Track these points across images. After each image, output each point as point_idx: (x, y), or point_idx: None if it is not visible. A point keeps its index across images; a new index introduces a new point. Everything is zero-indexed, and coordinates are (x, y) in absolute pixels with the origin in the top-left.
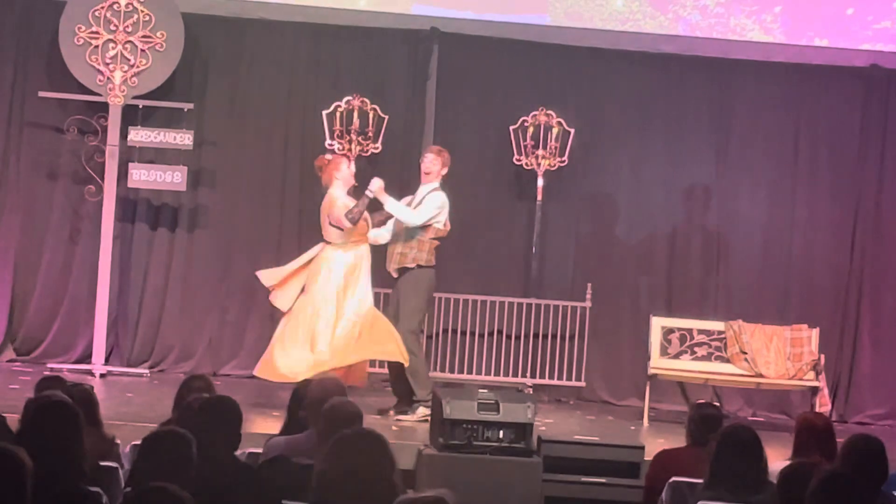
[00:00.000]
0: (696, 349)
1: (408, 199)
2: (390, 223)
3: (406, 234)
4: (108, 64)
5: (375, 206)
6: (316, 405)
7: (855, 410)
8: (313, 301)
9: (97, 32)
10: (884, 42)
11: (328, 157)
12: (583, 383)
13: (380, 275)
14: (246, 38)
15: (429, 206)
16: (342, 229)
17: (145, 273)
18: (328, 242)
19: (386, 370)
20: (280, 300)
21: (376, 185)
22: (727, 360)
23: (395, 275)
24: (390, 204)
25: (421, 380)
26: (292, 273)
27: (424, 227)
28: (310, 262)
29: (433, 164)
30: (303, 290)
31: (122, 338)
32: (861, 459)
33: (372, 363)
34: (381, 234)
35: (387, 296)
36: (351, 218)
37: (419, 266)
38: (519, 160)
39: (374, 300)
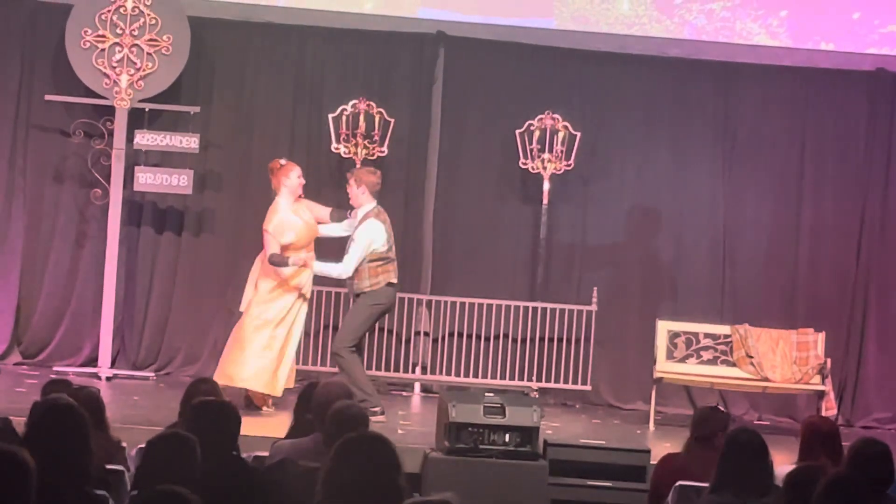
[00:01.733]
0: (702, 353)
1: (348, 221)
2: (346, 223)
3: None
4: (114, 67)
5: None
6: (322, 408)
7: (861, 414)
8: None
9: (103, 36)
10: (890, 46)
11: (282, 161)
12: (589, 387)
13: None
14: (252, 42)
15: (356, 248)
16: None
17: (151, 276)
18: None
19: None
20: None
21: (300, 258)
22: (733, 364)
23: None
24: (317, 268)
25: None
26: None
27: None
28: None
29: (348, 188)
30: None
31: (128, 341)
32: (867, 463)
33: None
34: (335, 230)
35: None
36: (271, 260)
37: (366, 291)
38: (525, 164)
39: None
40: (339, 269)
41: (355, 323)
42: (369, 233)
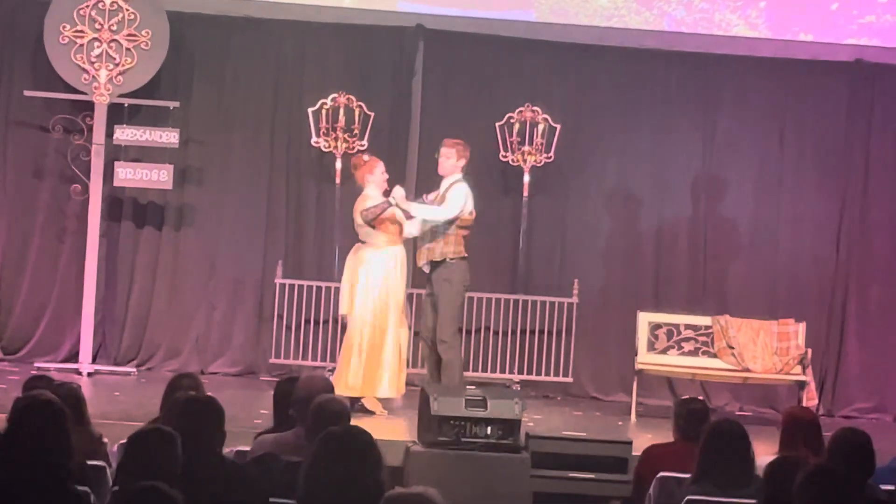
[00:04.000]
0: (683, 344)
1: (433, 194)
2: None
3: (432, 228)
4: (93, 62)
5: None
6: (304, 403)
7: (842, 404)
8: (361, 311)
9: (82, 31)
10: (868, 36)
11: (365, 157)
12: (570, 379)
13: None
14: (231, 36)
15: (455, 199)
16: (373, 227)
17: (132, 271)
18: (363, 242)
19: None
20: (341, 307)
21: (399, 194)
22: (714, 355)
23: (426, 269)
24: (415, 210)
25: (452, 375)
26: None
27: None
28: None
29: (445, 156)
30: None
31: (109, 336)
32: (848, 453)
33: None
34: (413, 228)
35: (419, 297)
36: (364, 217)
37: (448, 259)
38: (505, 156)
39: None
40: (440, 213)
41: (453, 306)
42: (464, 189)
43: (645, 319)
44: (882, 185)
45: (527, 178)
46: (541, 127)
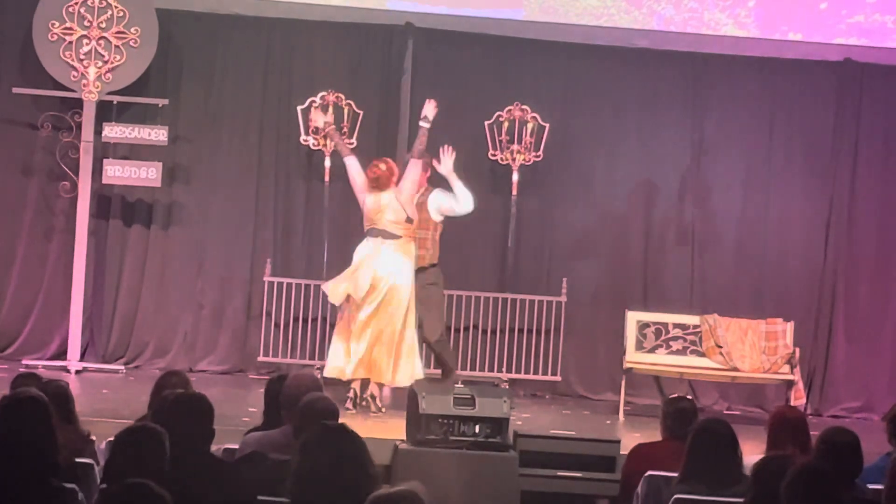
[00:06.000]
0: (671, 343)
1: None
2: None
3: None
4: (81, 60)
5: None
6: (292, 401)
7: (830, 404)
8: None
9: (71, 28)
10: (857, 36)
11: (382, 166)
12: (559, 378)
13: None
14: (220, 34)
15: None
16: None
17: (120, 269)
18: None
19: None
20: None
21: (431, 110)
22: (702, 354)
23: None
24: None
25: (450, 372)
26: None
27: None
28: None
29: (425, 173)
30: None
31: (97, 334)
32: (835, 452)
33: None
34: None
35: None
36: (418, 153)
37: (430, 265)
38: (494, 155)
39: None
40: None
41: (439, 309)
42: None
43: (633, 318)
44: (870, 184)
45: (516, 177)
46: (530, 125)
